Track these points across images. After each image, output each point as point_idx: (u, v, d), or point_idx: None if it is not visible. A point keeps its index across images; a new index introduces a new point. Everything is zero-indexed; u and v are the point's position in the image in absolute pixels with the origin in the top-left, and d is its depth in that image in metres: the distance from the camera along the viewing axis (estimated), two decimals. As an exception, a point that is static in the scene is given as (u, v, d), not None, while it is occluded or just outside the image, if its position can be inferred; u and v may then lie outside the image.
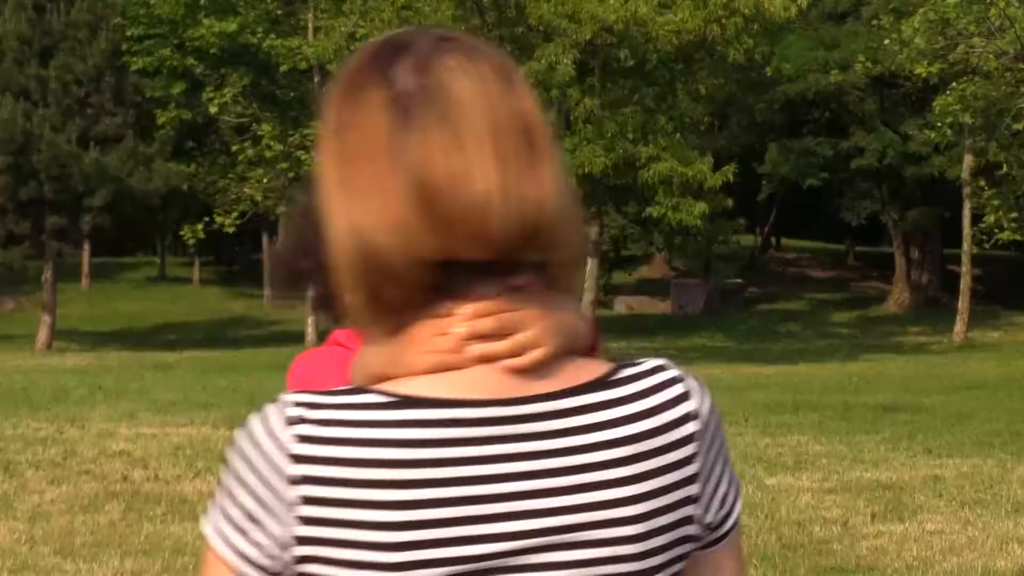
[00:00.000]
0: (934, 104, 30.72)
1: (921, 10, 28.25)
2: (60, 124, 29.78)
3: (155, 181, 30.67)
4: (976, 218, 34.59)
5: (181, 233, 38.17)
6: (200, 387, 18.26)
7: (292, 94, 37.53)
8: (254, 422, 1.41)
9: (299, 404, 1.39)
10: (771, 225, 52.50)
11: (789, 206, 52.49)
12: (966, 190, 35.02)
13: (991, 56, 27.60)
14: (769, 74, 36.43)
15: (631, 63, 28.51)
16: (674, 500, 1.44)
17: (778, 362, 26.74)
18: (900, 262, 44.02)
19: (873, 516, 9.07)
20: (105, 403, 15.64)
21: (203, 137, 41.33)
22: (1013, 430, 13.99)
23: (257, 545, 1.38)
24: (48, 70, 29.95)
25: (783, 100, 40.48)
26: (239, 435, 1.41)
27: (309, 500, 1.37)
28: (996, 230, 32.53)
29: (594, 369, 1.45)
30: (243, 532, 1.39)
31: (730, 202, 33.02)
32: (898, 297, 43.57)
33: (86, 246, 41.35)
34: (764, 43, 30.58)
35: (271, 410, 1.41)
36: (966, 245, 34.61)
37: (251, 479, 1.39)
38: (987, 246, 34.32)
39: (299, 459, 1.38)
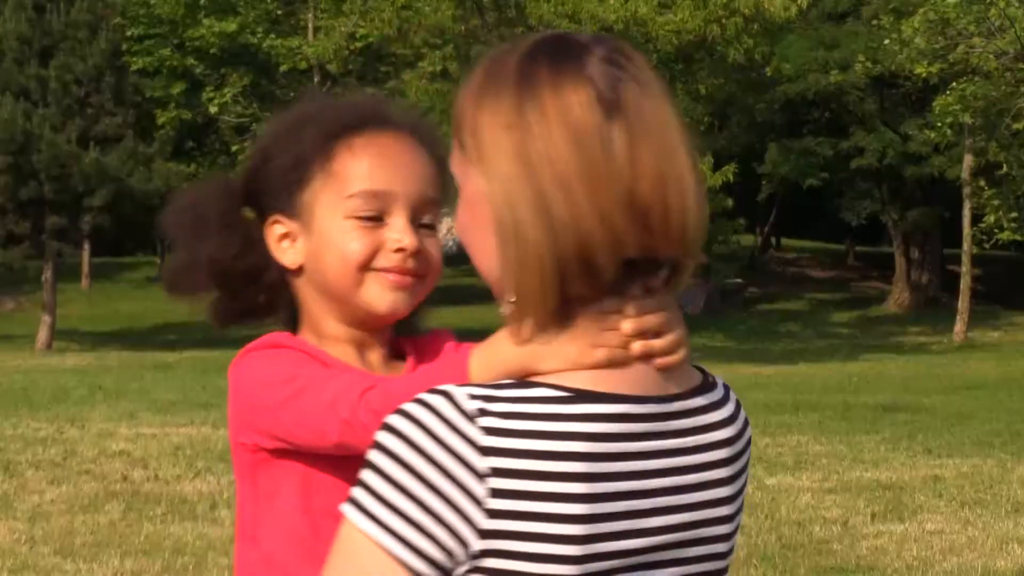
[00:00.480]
0: (934, 104, 30.71)
1: (921, 10, 28.25)
2: (60, 124, 29.77)
3: (155, 181, 30.65)
4: (976, 218, 34.57)
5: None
6: (200, 387, 18.25)
7: (292, 94, 37.52)
8: (423, 415, 1.38)
9: (475, 397, 1.39)
10: (771, 225, 52.47)
11: (789, 206, 52.45)
12: (966, 190, 35.01)
13: (991, 56, 27.60)
14: (769, 74, 36.41)
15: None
16: (742, 502, 1.54)
17: (778, 362, 26.74)
18: (900, 262, 43.99)
19: (873, 516, 9.08)
20: (105, 403, 15.64)
21: (203, 137, 41.32)
22: (1013, 430, 13.99)
23: (434, 539, 1.36)
24: (48, 70, 29.93)
25: (783, 100, 40.44)
26: (405, 428, 1.37)
27: (498, 493, 1.36)
28: (996, 230, 32.51)
29: (694, 371, 1.55)
30: (418, 527, 1.35)
31: (730, 202, 33.02)
32: (898, 297, 43.55)
33: (86, 246, 41.33)
34: (764, 43, 30.58)
35: (440, 403, 1.38)
36: (966, 245, 34.60)
37: (430, 473, 1.36)
38: (987, 246, 34.30)
39: (488, 452, 1.37)
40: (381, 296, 1.74)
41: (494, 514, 1.36)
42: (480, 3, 28.39)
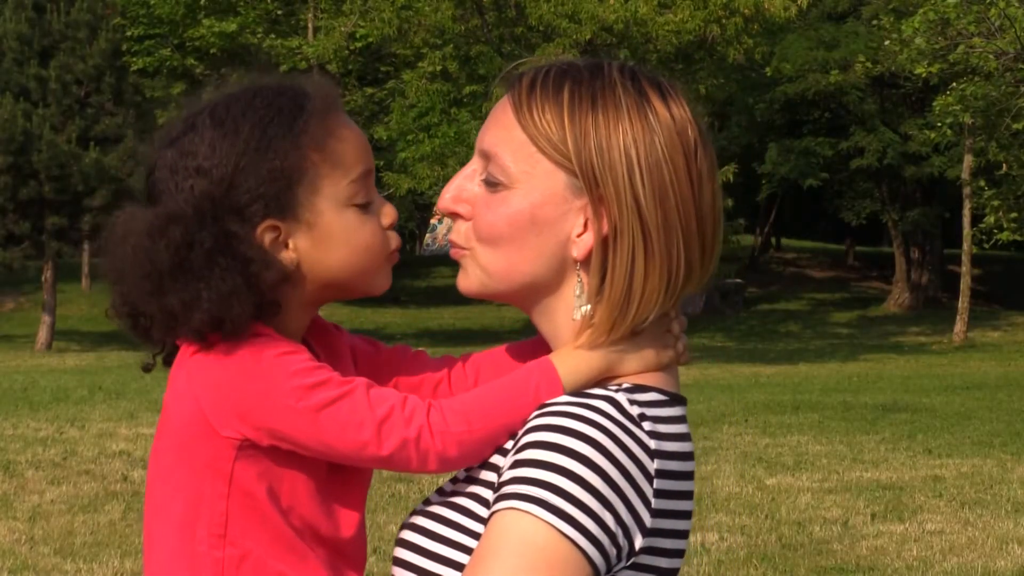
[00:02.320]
0: (934, 104, 30.69)
1: (921, 10, 28.21)
2: (60, 124, 29.77)
3: (155, 181, 30.62)
4: (976, 218, 34.54)
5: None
6: (200, 387, 18.23)
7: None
8: (600, 419, 1.43)
9: (632, 402, 1.46)
10: (771, 225, 52.48)
11: (789, 206, 52.44)
12: (966, 190, 34.99)
13: (991, 56, 27.57)
14: (769, 74, 36.40)
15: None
16: None
17: (778, 362, 26.73)
18: (900, 262, 43.99)
19: (873, 516, 9.08)
20: (105, 403, 15.64)
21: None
22: (1013, 430, 13.99)
23: (613, 537, 1.40)
24: (48, 70, 29.92)
25: (783, 100, 40.45)
26: (587, 430, 1.41)
27: (659, 493, 1.44)
28: (996, 230, 32.48)
29: None
30: (602, 524, 1.39)
31: (730, 202, 33.04)
32: (898, 297, 43.54)
33: (86, 246, 41.31)
34: (764, 43, 30.56)
35: (609, 408, 1.44)
36: (966, 245, 34.58)
37: (614, 473, 1.40)
38: (987, 246, 34.28)
39: (654, 454, 1.44)
40: (388, 277, 1.70)
41: (656, 513, 1.42)
42: (480, 3, 28.36)
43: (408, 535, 1.59)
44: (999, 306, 42.67)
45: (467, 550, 1.49)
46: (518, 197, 1.52)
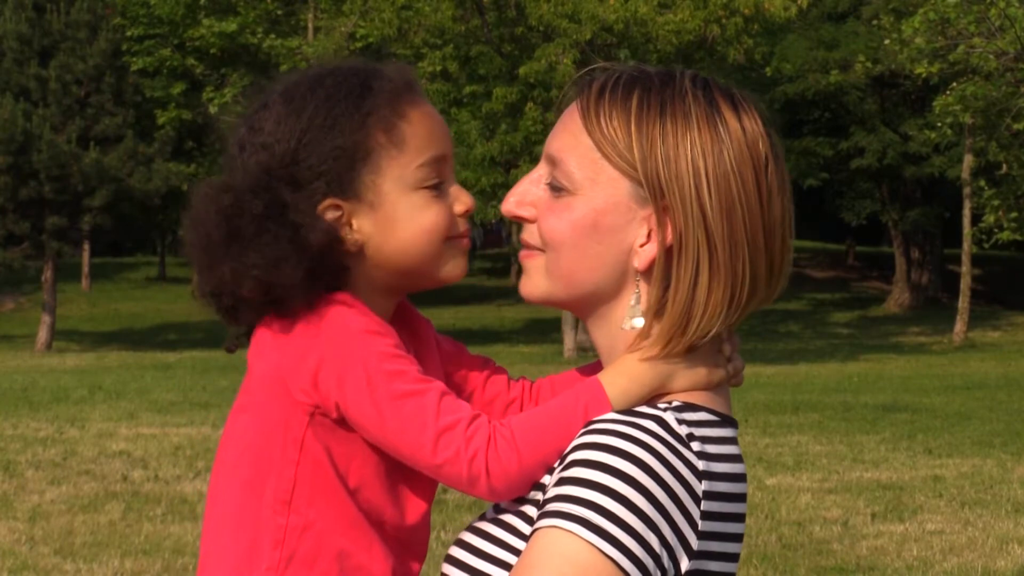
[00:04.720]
0: (934, 104, 30.70)
1: (921, 10, 28.22)
2: (60, 124, 29.76)
3: (155, 181, 30.66)
4: (976, 218, 34.55)
5: (181, 233, 38.12)
6: (200, 387, 18.26)
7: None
8: (647, 438, 1.41)
9: (680, 421, 1.44)
10: (771, 225, 52.49)
11: (789, 206, 52.42)
12: (966, 190, 34.99)
13: (991, 56, 27.57)
14: (769, 74, 36.39)
15: (631, 63, 28.49)
16: None
17: (778, 362, 26.72)
18: (900, 262, 43.99)
19: (873, 516, 9.08)
20: (105, 403, 15.65)
21: (203, 137, 41.36)
22: (1013, 430, 13.99)
23: (658, 560, 1.38)
24: (48, 70, 29.93)
25: (783, 100, 40.45)
26: (633, 450, 1.40)
27: (707, 515, 1.42)
28: (996, 230, 32.47)
29: None
30: (647, 547, 1.37)
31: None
32: (898, 297, 43.54)
33: (86, 246, 41.32)
34: (764, 43, 30.56)
35: (656, 427, 1.42)
36: (966, 245, 34.57)
37: (660, 494, 1.39)
38: (987, 246, 34.27)
39: (703, 475, 1.42)
40: (457, 263, 1.68)
41: (703, 536, 1.40)
42: (480, 3, 28.36)
43: (456, 552, 1.59)
44: (999, 306, 42.66)
45: (510, 567, 1.48)
46: (581, 204, 1.50)
